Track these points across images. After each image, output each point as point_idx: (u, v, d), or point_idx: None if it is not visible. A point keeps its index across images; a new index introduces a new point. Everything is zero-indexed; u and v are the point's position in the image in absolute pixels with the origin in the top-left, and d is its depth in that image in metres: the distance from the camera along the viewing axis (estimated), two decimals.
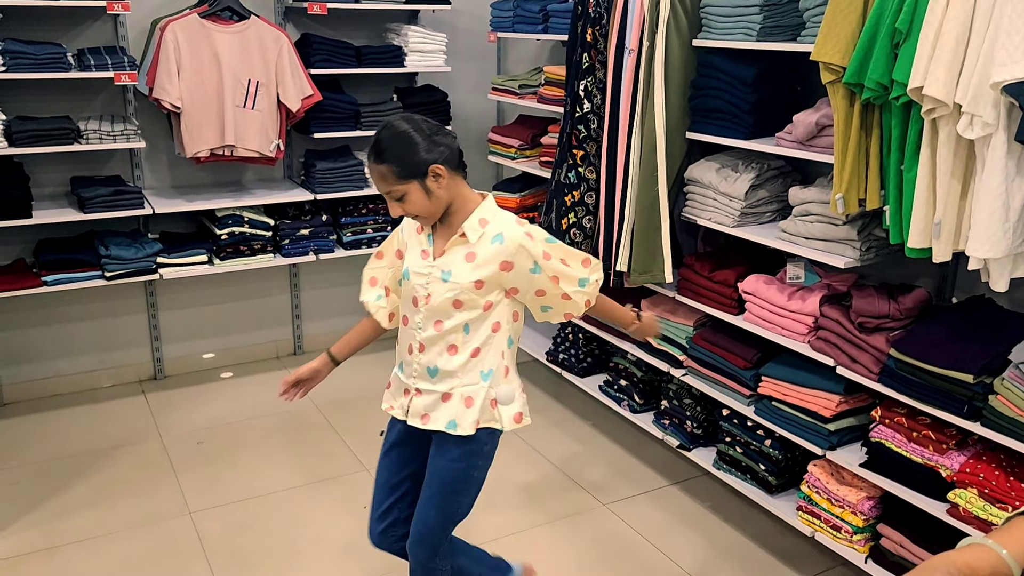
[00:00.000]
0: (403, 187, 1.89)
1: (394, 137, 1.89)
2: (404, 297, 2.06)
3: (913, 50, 2.00)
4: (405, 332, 2.08)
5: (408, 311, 2.05)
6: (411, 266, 2.04)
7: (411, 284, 2.03)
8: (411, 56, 4.19)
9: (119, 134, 3.61)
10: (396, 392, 2.16)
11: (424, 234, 2.04)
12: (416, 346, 2.04)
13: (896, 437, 2.40)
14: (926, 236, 2.12)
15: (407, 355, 2.08)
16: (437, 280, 1.99)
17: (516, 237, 1.96)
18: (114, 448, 3.64)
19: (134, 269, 3.79)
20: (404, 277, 2.05)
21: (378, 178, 1.91)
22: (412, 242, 2.07)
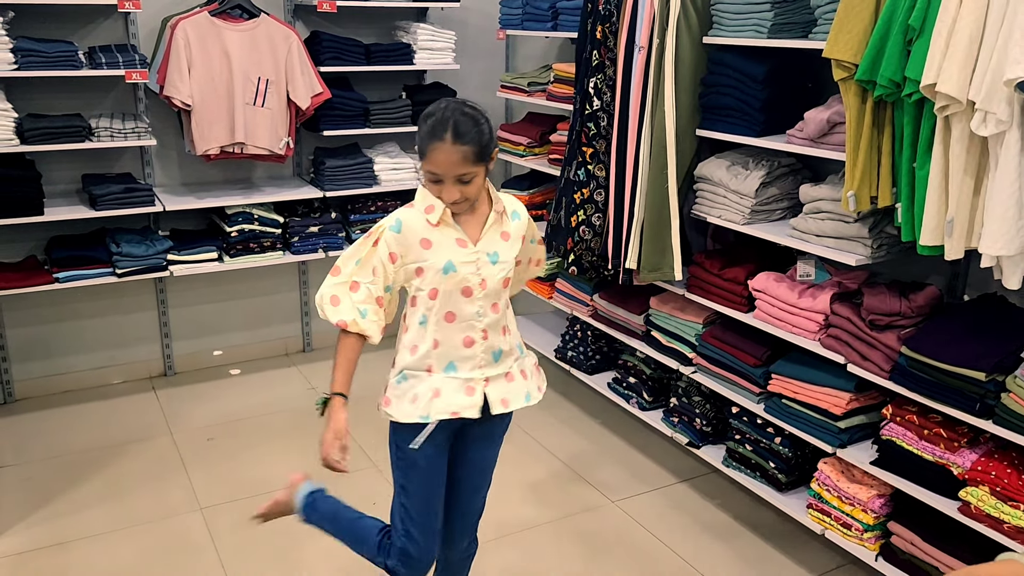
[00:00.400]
0: (475, 169, 1.87)
1: (469, 120, 1.86)
2: (450, 290, 1.96)
3: (926, 47, 1.99)
4: (455, 327, 1.99)
5: (456, 304, 1.97)
6: (453, 258, 1.95)
7: (459, 276, 1.95)
8: (420, 54, 4.20)
9: (130, 132, 3.63)
10: (454, 393, 2.01)
11: (447, 224, 1.96)
12: (479, 335, 2.01)
13: (907, 435, 2.39)
14: (938, 234, 2.11)
15: (465, 349, 2.00)
16: (487, 264, 1.99)
17: (525, 212, 2.14)
18: (125, 444, 3.66)
19: (145, 266, 3.80)
20: (446, 272, 1.95)
21: (457, 159, 1.84)
22: (435, 237, 1.95)
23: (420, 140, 1.89)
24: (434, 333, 1.99)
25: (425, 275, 1.98)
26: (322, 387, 4.24)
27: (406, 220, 1.97)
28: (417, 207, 1.99)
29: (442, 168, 1.86)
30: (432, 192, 1.93)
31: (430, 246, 1.96)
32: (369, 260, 1.98)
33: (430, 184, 1.92)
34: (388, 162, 4.28)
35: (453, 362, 2.01)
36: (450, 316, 1.98)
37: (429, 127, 1.86)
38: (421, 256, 1.96)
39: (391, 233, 1.96)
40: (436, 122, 1.85)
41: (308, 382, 4.32)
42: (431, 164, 1.87)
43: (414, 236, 1.96)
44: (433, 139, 1.85)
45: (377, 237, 1.97)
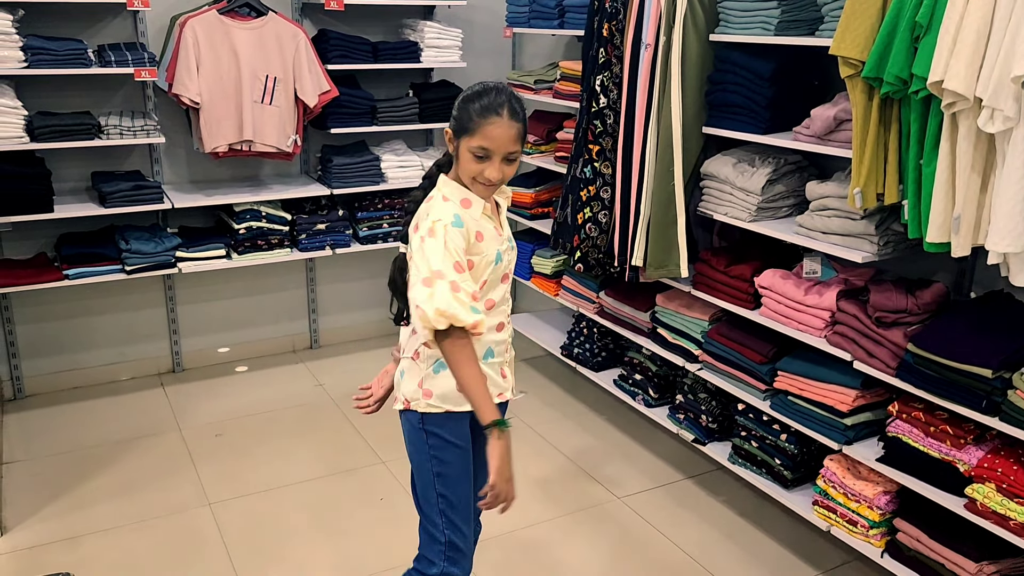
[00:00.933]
0: (520, 149, 1.90)
1: (518, 100, 1.89)
2: (495, 279, 1.99)
3: (933, 44, 1.99)
4: (493, 314, 2.01)
5: (496, 292, 2.01)
6: (499, 248, 1.98)
7: (503, 264, 2.00)
8: (427, 52, 4.21)
9: (139, 129, 3.65)
10: (496, 377, 2.05)
11: (485, 216, 1.96)
12: (506, 318, 2.07)
13: (913, 432, 2.40)
14: (945, 231, 2.12)
15: (498, 334, 2.04)
16: (510, 249, 2.05)
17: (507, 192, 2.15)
18: (134, 440, 3.68)
19: (154, 263, 3.82)
20: (496, 262, 1.97)
21: (512, 135, 1.85)
22: (483, 228, 1.94)
23: (468, 116, 1.85)
24: None
25: (477, 267, 1.94)
26: (329, 383, 4.28)
27: (459, 213, 1.90)
28: (453, 200, 1.92)
29: (496, 144, 1.84)
30: (471, 171, 1.88)
31: (483, 238, 1.94)
32: (451, 256, 1.84)
33: (471, 162, 1.87)
34: (395, 160, 4.30)
35: (491, 348, 2.03)
36: (490, 303, 2.00)
37: (483, 104, 1.84)
38: (476, 249, 1.92)
39: (455, 229, 1.87)
40: (491, 99, 1.84)
41: (316, 379, 4.34)
42: (485, 139, 1.83)
43: (470, 229, 1.92)
44: (489, 114, 1.83)
45: (444, 235, 1.85)
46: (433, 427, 2.02)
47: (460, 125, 1.88)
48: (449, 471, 2.04)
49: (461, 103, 1.89)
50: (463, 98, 1.90)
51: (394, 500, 3.28)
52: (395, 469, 3.49)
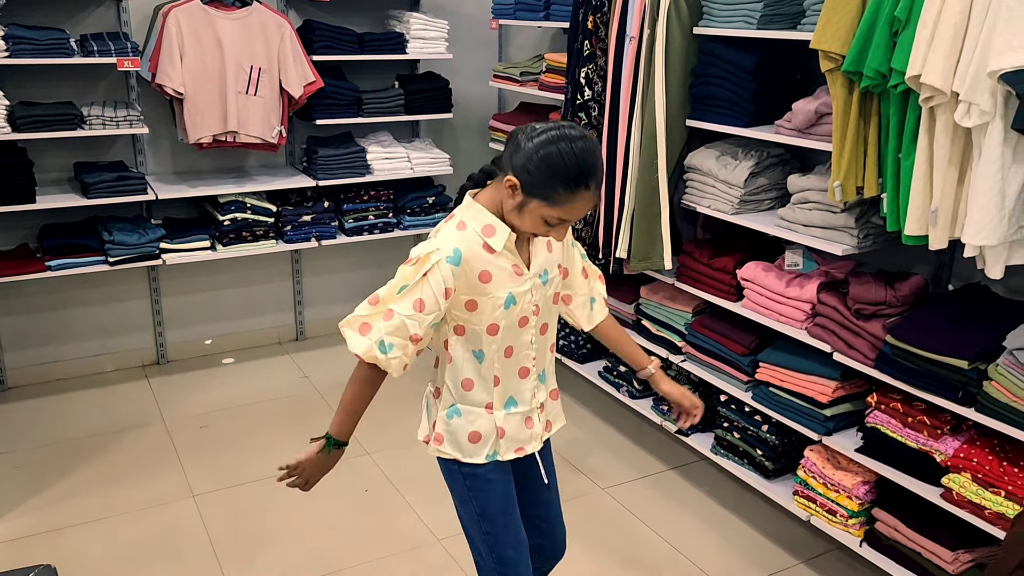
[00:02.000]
0: None
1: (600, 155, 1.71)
2: (510, 324, 1.80)
3: (912, 38, 2.01)
4: (512, 360, 1.85)
5: (514, 336, 1.82)
6: (513, 290, 1.77)
7: (518, 308, 1.79)
8: (413, 43, 4.20)
9: (122, 120, 3.63)
10: (516, 431, 1.90)
11: (506, 250, 1.76)
12: (531, 364, 1.88)
13: (891, 423, 2.43)
14: (923, 224, 2.14)
15: (521, 381, 1.87)
16: (539, 287, 1.82)
17: None
18: (118, 432, 3.67)
19: (137, 254, 3.81)
20: (507, 306, 1.78)
21: (595, 203, 1.70)
22: (494, 268, 1.75)
23: (552, 187, 1.63)
24: (495, 370, 1.84)
25: (482, 310, 1.77)
26: (314, 375, 4.28)
27: (465, 249, 1.71)
28: (471, 228, 1.74)
29: (576, 214, 1.67)
30: (533, 229, 1.70)
31: (490, 279, 1.74)
32: (414, 292, 1.71)
33: (537, 224, 1.69)
34: (381, 151, 4.29)
35: (513, 397, 1.88)
36: (509, 351, 1.83)
37: (573, 172, 1.62)
38: (479, 290, 1.75)
39: (448, 266, 1.70)
40: (582, 167, 1.63)
41: (301, 371, 4.34)
42: (567, 212, 1.66)
43: (474, 267, 1.73)
44: (579, 187, 1.63)
45: (428, 269, 1.70)
46: (455, 469, 1.94)
47: (538, 188, 1.65)
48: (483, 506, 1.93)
49: (542, 158, 1.63)
50: (544, 153, 1.63)
51: (379, 492, 3.29)
52: (380, 460, 3.50)
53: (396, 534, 3.02)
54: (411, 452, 3.56)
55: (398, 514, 3.14)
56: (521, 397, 1.89)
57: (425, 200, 4.47)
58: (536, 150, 1.64)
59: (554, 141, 1.64)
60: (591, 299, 2.05)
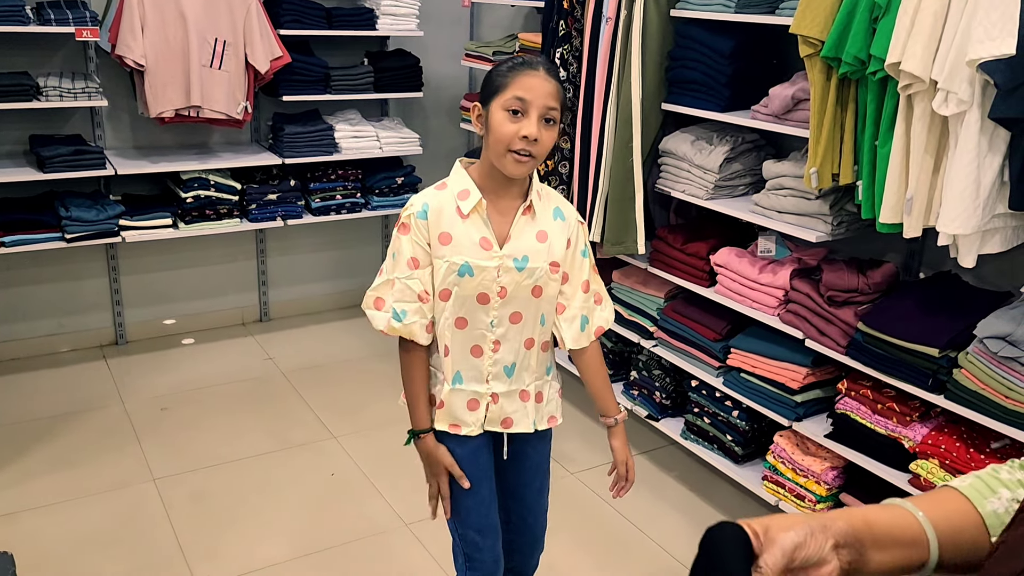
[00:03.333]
0: (558, 113, 1.68)
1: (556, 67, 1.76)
2: (465, 295, 1.75)
3: (892, 25, 2.00)
4: (466, 335, 1.79)
5: (470, 310, 1.76)
6: (472, 259, 1.72)
7: (475, 280, 1.73)
8: (383, 19, 4.12)
9: (80, 92, 3.50)
10: (457, 408, 1.84)
11: (477, 217, 1.73)
12: (489, 346, 1.80)
13: (861, 409, 2.44)
14: (897, 211, 2.14)
15: (473, 359, 1.81)
16: (511, 270, 1.74)
17: (573, 212, 1.85)
18: (75, 414, 3.57)
19: (95, 231, 3.70)
20: (461, 274, 1.73)
21: (550, 90, 1.65)
22: (457, 231, 1.73)
23: (498, 74, 1.67)
24: (445, 338, 1.80)
25: (436, 273, 1.76)
26: (279, 357, 4.21)
27: (433, 205, 1.73)
28: (450, 188, 1.75)
29: (533, 93, 1.64)
30: (506, 136, 1.65)
31: (449, 241, 1.73)
32: (404, 252, 1.74)
33: (505, 124, 1.65)
34: (349, 129, 4.21)
35: (460, 372, 1.82)
36: (460, 322, 1.78)
37: (515, 62, 1.68)
38: (439, 251, 1.74)
39: (418, 220, 1.73)
40: (524, 59, 1.69)
41: (265, 352, 4.26)
42: (520, 89, 1.64)
43: (436, 226, 1.73)
44: (523, 67, 1.66)
45: (404, 224, 1.75)
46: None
47: (490, 88, 1.69)
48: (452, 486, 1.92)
49: (490, 71, 1.72)
50: (492, 69, 1.73)
51: (345, 475, 3.24)
52: (346, 444, 3.45)
53: (363, 519, 2.98)
54: (379, 436, 3.52)
55: (365, 499, 3.10)
56: (468, 375, 1.83)
57: (394, 180, 4.40)
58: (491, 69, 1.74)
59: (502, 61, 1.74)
60: (583, 318, 1.89)
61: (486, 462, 1.92)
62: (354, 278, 4.84)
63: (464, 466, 1.88)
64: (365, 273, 4.86)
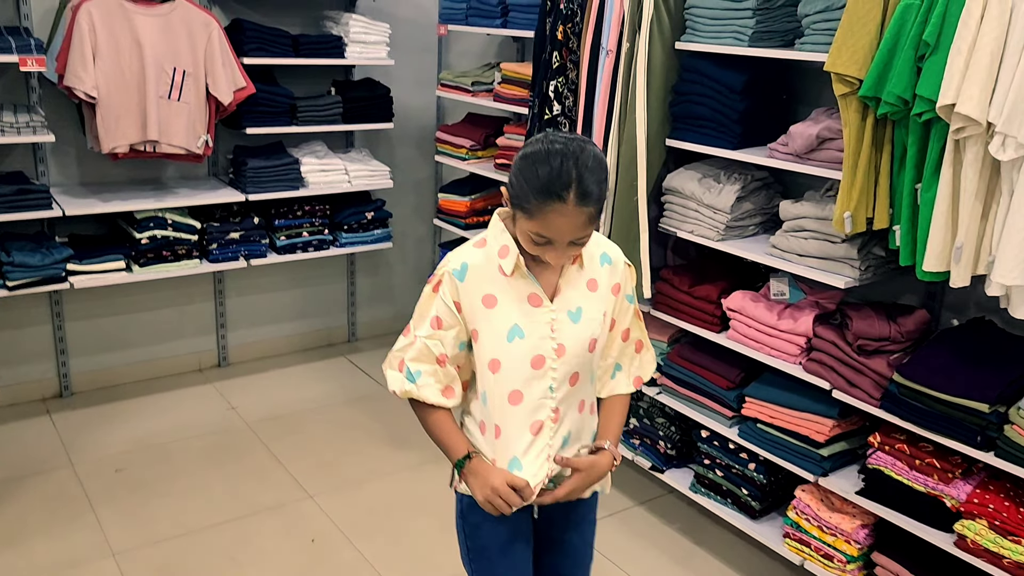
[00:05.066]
0: (592, 229, 1.51)
1: (596, 171, 1.46)
2: (517, 362, 1.57)
3: (942, 65, 1.88)
4: (523, 411, 1.60)
5: (525, 380, 1.58)
6: (520, 321, 1.57)
7: (527, 343, 1.57)
8: (352, 47, 3.90)
9: (24, 126, 3.19)
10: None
11: (520, 275, 1.58)
12: (549, 417, 1.61)
13: (897, 464, 2.31)
14: (943, 259, 2.02)
15: (532, 437, 1.61)
16: (567, 323, 1.59)
17: (620, 255, 1.70)
18: (17, 479, 3.22)
19: (41, 277, 3.37)
20: (510, 338, 1.57)
21: (579, 223, 1.45)
22: (502, 291, 1.58)
23: (525, 192, 1.46)
24: (496, 417, 1.62)
25: (483, 340, 1.59)
26: (242, 406, 3.92)
27: (473, 264, 1.59)
28: (490, 246, 1.60)
29: (558, 234, 1.47)
30: (531, 251, 1.52)
31: (494, 304, 1.58)
32: (430, 311, 1.60)
33: (528, 243, 1.51)
34: (316, 163, 3.97)
35: (517, 457, 1.62)
36: (515, 396, 1.59)
37: (544, 179, 1.44)
38: (481, 315, 1.58)
39: (452, 279, 1.59)
40: (555, 174, 1.43)
41: (226, 401, 3.96)
42: (543, 228, 1.46)
43: (478, 288, 1.58)
44: (550, 198, 1.43)
45: (438, 281, 1.60)
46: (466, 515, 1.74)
47: (517, 197, 1.49)
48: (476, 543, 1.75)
49: (520, 162, 1.49)
50: (523, 154, 1.50)
51: (327, 541, 2.98)
52: (325, 504, 3.19)
53: None
54: (359, 492, 3.27)
55: (351, 566, 2.85)
56: (528, 459, 1.62)
57: (363, 216, 4.17)
58: (520, 157, 1.51)
59: (534, 144, 1.50)
60: (616, 367, 1.76)
61: (524, 554, 1.71)
62: (319, 318, 4.57)
63: (503, 551, 1.68)
64: (330, 313, 4.60)
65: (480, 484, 1.61)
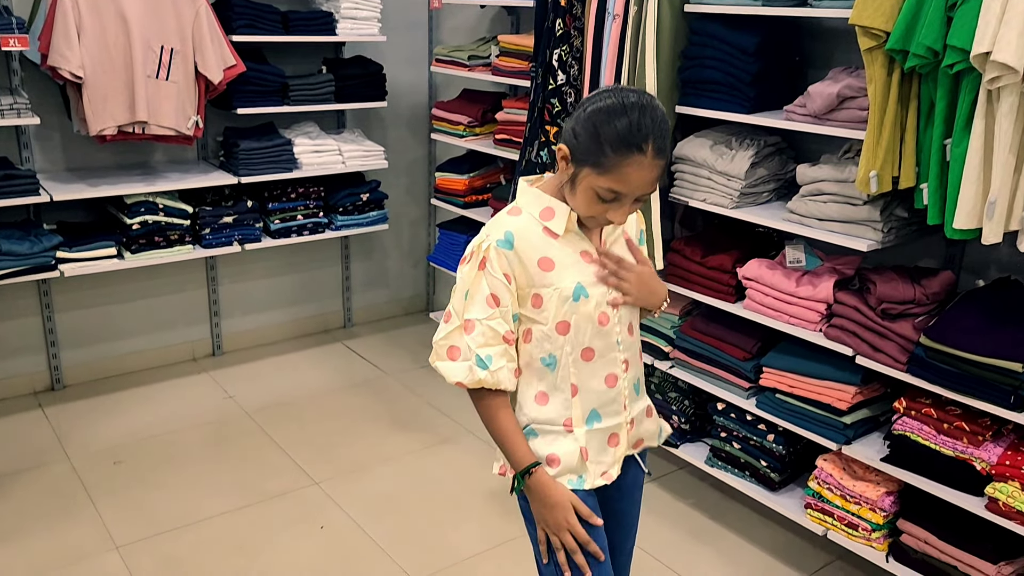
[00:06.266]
0: (656, 188, 1.50)
1: (666, 124, 1.45)
2: (585, 321, 1.55)
3: (975, 12, 1.82)
4: (596, 366, 1.58)
5: (594, 336, 1.56)
6: (583, 279, 1.54)
7: (592, 301, 1.55)
8: (343, 23, 3.79)
9: (8, 109, 3.07)
10: (600, 452, 1.62)
11: (571, 233, 1.55)
12: (620, 369, 1.61)
13: (924, 429, 2.26)
14: (975, 216, 1.97)
15: (607, 389, 1.60)
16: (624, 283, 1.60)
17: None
18: (13, 475, 3.12)
19: (30, 266, 3.26)
20: (576, 298, 1.53)
21: (653, 177, 1.44)
22: (556, 253, 1.54)
23: (599, 147, 1.42)
24: (572, 376, 1.58)
25: (547, 305, 1.54)
26: (240, 395, 3.82)
27: (517, 232, 1.52)
28: (527, 212, 1.56)
29: (633, 187, 1.43)
30: (589, 210, 1.49)
31: (552, 267, 1.53)
32: (481, 289, 1.53)
33: (591, 201, 1.47)
34: (309, 143, 3.86)
35: (596, 409, 1.60)
36: (588, 353, 1.57)
37: (623, 132, 1.40)
38: (541, 280, 1.53)
39: (499, 249, 1.51)
40: (633, 125, 1.40)
41: (224, 390, 3.86)
42: (620, 182, 1.43)
43: (530, 253, 1.53)
44: (630, 151, 1.40)
45: (483, 257, 1.53)
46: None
47: (585, 152, 1.45)
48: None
49: (589, 118, 1.44)
50: (592, 111, 1.44)
51: (336, 527, 2.90)
52: (331, 489, 3.11)
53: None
54: (365, 477, 3.20)
55: (363, 553, 2.78)
56: (607, 410, 1.61)
57: (359, 197, 4.07)
58: (586, 111, 1.46)
59: (605, 98, 1.45)
60: None
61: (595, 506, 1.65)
62: (313, 303, 4.48)
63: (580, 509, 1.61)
64: (325, 298, 4.51)
65: (550, 502, 1.57)
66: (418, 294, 4.85)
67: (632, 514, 1.79)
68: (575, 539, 1.56)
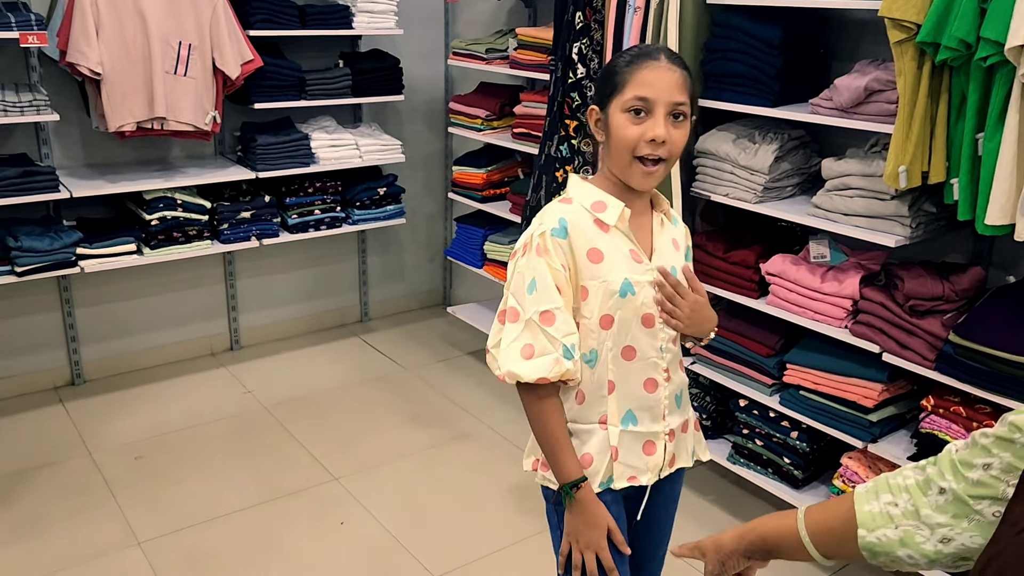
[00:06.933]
0: (687, 106, 1.49)
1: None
2: (630, 319, 1.52)
3: (1010, 4, 1.79)
4: (636, 367, 1.55)
5: (637, 336, 1.53)
6: (630, 276, 1.51)
7: (638, 300, 1.51)
8: (359, 17, 3.77)
9: (27, 105, 3.07)
10: (631, 456, 1.58)
11: (620, 229, 1.52)
12: (662, 376, 1.57)
13: (952, 428, 2.23)
14: (1008, 211, 1.93)
15: (646, 394, 1.57)
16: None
17: (678, 215, 1.72)
18: (34, 469, 3.14)
19: (51, 262, 3.26)
20: (623, 294, 1.50)
21: (674, 81, 1.45)
22: (606, 246, 1.51)
23: (614, 72, 1.49)
24: (610, 373, 1.55)
25: (592, 298, 1.51)
26: (258, 390, 3.83)
27: (571, 220, 1.50)
28: (578, 203, 1.54)
29: (657, 89, 1.44)
30: (630, 141, 1.46)
31: (601, 259, 1.51)
32: (546, 278, 1.48)
33: (628, 127, 1.46)
34: (326, 138, 3.85)
35: (632, 411, 1.57)
36: (629, 352, 1.54)
37: (631, 54, 1.50)
38: (589, 272, 1.50)
39: (555, 239, 1.49)
40: (639, 48, 1.51)
41: (242, 385, 3.87)
42: (640, 86, 1.44)
43: (581, 243, 1.50)
44: (642, 59, 1.47)
45: (539, 245, 1.50)
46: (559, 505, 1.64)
47: (605, 88, 1.51)
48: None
49: (605, 68, 1.55)
50: (606, 65, 1.55)
51: (356, 522, 2.90)
52: (351, 486, 3.11)
53: (385, 574, 2.66)
54: (384, 472, 3.19)
55: (384, 550, 2.77)
56: (644, 415, 1.58)
57: (376, 191, 4.06)
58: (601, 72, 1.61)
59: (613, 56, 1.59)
60: None
61: (622, 518, 1.63)
62: (330, 298, 4.48)
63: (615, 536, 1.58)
64: (342, 292, 4.51)
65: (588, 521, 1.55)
66: (435, 288, 4.84)
67: (665, 524, 1.77)
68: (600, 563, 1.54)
